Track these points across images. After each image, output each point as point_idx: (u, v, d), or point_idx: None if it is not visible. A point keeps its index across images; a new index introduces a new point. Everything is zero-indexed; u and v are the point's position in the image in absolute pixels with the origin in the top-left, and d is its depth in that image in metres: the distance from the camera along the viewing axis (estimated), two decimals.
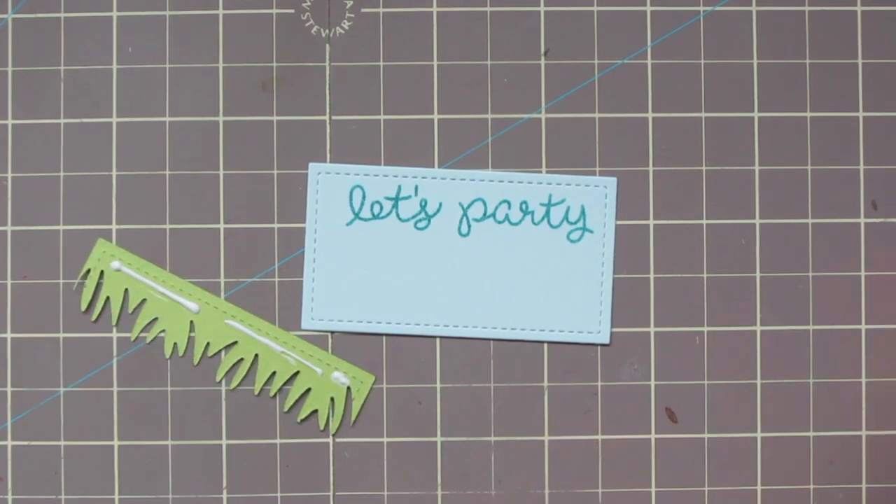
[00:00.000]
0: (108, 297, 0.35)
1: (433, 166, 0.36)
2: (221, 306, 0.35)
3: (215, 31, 0.36)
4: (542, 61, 0.36)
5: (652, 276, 0.36)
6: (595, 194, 0.35)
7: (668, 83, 0.36)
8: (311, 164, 0.35)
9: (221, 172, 0.36)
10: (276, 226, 0.36)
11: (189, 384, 0.35)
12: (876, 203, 0.36)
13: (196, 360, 0.35)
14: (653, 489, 0.35)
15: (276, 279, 0.35)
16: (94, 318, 0.35)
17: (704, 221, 0.36)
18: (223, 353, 0.35)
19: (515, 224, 0.35)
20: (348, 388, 0.35)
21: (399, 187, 0.35)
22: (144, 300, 0.35)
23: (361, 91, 0.36)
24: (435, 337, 0.36)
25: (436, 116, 0.36)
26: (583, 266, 0.35)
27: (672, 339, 0.36)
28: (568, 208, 0.35)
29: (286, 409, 0.35)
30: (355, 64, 0.36)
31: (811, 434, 0.35)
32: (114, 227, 0.36)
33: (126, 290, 0.35)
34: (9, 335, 0.35)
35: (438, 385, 0.35)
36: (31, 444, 0.35)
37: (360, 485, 0.35)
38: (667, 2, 0.36)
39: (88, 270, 0.35)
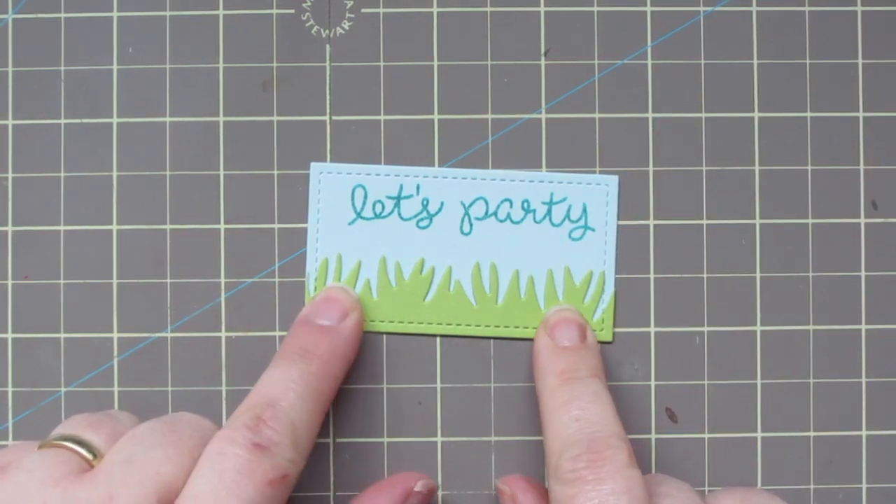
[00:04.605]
0: None
1: (433, 167, 0.36)
2: None
3: (215, 31, 0.36)
4: (542, 61, 0.36)
5: (652, 275, 0.36)
6: (597, 192, 0.35)
7: (668, 83, 0.36)
8: (312, 164, 0.35)
9: (221, 172, 0.36)
10: (276, 226, 0.36)
11: (189, 384, 0.35)
12: (876, 203, 0.36)
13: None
14: None
15: (277, 279, 0.35)
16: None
17: (704, 221, 0.36)
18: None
19: (517, 222, 0.35)
20: None
21: (401, 186, 0.35)
22: None
23: (361, 91, 0.36)
24: (435, 336, 0.36)
25: (436, 116, 0.36)
26: (584, 264, 0.35)
27: (672, 339, 0.36)
28: (570, 206, 0.35)
29: None
30: (355, 64, 0.36)
31: (811, 434, 0.35)
32: (114, 227, 0.36)
33: None
34: (10, 335, 0.35)
35: (438, 385, 0.35)
36: None
37: (360, 485, 0.35)
38: (667, 2, 0.36)
39: None
